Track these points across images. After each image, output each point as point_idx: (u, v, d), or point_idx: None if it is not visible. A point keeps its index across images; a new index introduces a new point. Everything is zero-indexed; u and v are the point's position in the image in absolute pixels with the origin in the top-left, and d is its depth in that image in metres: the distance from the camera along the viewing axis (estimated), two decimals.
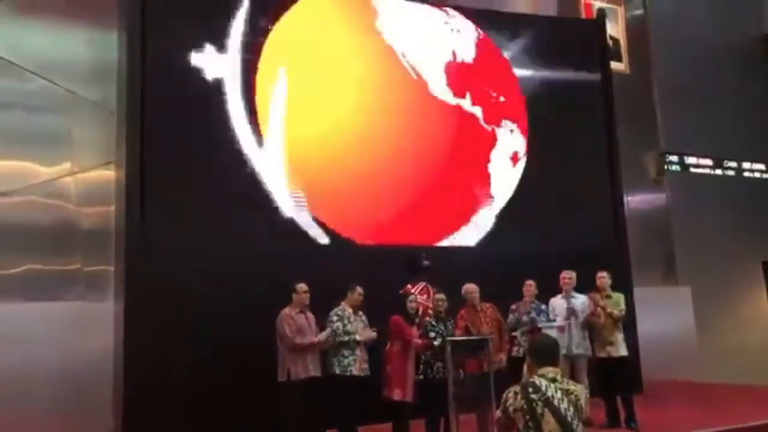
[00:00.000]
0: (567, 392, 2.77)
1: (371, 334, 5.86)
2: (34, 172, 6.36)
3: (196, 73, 6.75)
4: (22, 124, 6.35)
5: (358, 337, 5.74)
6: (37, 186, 6.35)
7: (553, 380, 2.79)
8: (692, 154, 10.96)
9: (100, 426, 6.10)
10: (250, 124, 6.98)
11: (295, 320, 5.71)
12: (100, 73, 6.70)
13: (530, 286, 6.62)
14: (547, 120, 8.51)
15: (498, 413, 2.87)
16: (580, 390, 2.83)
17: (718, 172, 11.29)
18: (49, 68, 6.50)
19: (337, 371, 5.70)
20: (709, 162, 11.17)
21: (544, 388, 2.75)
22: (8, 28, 6.39)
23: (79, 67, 6.64)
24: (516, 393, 2.78)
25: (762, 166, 11.77)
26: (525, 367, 2.99)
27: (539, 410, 2.71)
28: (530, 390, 2.76)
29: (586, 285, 6.48)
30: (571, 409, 2.74)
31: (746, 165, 11.58)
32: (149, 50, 6.49)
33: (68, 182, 6.49)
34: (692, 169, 10.96)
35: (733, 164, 11.46)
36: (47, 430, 5.79)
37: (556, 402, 2.72)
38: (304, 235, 7.04)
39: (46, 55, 6.53)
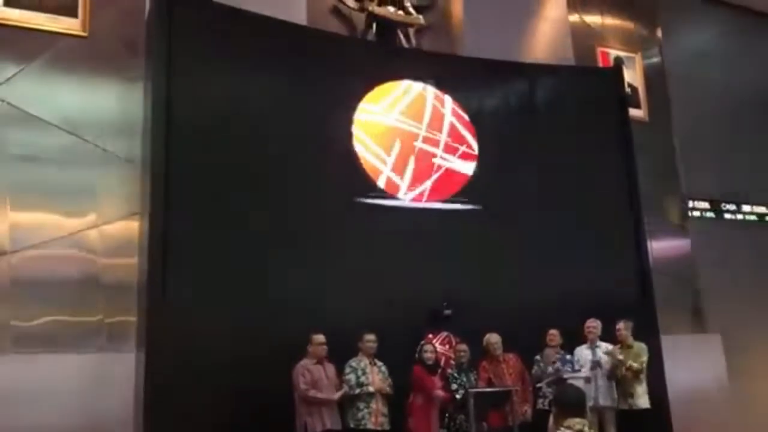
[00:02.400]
0: None
1: (385, 386, 5.73)
2: (59, 224, 6.44)
3: (222, 125, 6.87)
4: (47, 178, 6.44)
5: (371, 389, 5.63)
6: (62, 238, 6.43)
7: None
8: (715, 200, 10.87)
9: None
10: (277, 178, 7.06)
11: (311, 372, 5.65)
12: (126, 127, 6.82)
13: (554, 336, 6.53)
14: (567, 168, 8.49)
15: None
16: None
17: (742, 216, 11.17)
18: (76, 123, 6.63)
19: (351, 425, 5.61)
20: (731, 207, 11.07)
21: None
22: (37, 85, 6.57)
23: (105, 120, 6.76)
24: None
25: None
26: (551, 419, 2.92)
27: None
28: None
29: (611, 334, 6.36)
30: None
31: None
32: (175, 103, 6.62)
33: (93, 234, 6.56)
34: (716, 215, 10.85)
35: (757, 209, 11.33)
36: None
37: None
38: (325, 284, 7.02)
39: (73, 110, 6.67)
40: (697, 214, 10.60)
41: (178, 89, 6.67)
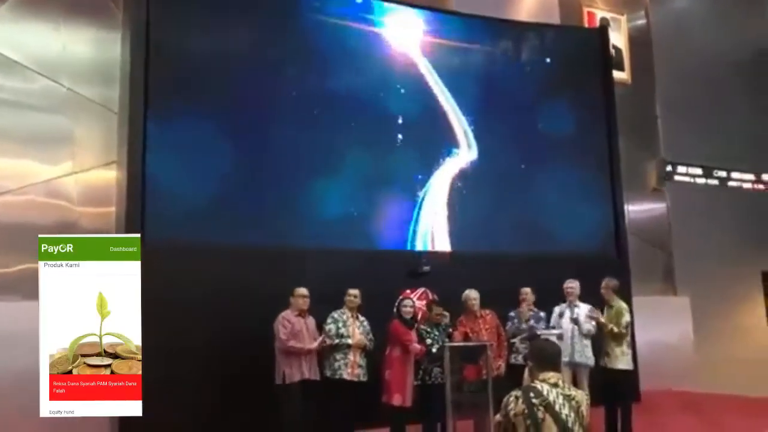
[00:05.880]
0: (568, 398, 2.76)
1: (364, 341, 5.81)
2: (35, 171, 6.36)
3: (201, 72, 6.75)
4: (23, 123, 6.35)
5: (349, 341, 5.71)
6: (38, 185, 6.34)
7: (555, 385, 2.78)
8: (693, 165, 11.00)
9: (97, 426, 6.06)
10: (256, 125, 6.99)
11: (292, 323, 5.69)
12: (104, 73, 6.71)
13: (527, 294, 6.62)
14: (548, 128, 8.53)
15: (498, 417, 2.85)
16: (582, 396, 2.82)
17: (719, 182, 11.33)
18: (52, 68, 6.50)
19: (328, 374, 5.71)
20: (710, 173, 11.21)
21: (545, 393, 2.74)
22: (12, 27, 6.40)
23: (82, 66, 6.64)
24: (517, 397, 2.77)
25: (764, 177, 11.82)
26: (526, 372, 2.98)
27: (540, 415, 2.70)
28: (531, 395, 2.75)
29: (584, 294, 6.48)
30: (572, 414, 2.73)
31: (747, 176, 11.62)
32: (153, 49, 6.48)
33: (69, 182, 6.48)
34: (693, 180, 11.00)
35: (734, 175, 11.51)
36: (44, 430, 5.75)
37: (557, 407, 2.71)
38: (309, 236, 7.04)
39: (49, 54, 6.53)
40: (674, 178, 10.72)
41: (157, 34, 6.53)
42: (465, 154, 8.09)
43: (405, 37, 8.03)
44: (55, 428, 5.52)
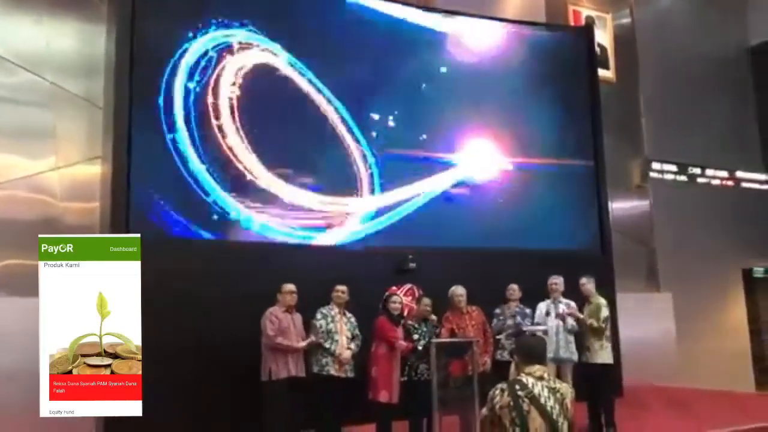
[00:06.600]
0: (554, 390, 2.79)
1: (349, 354, 5.77)
2: (17, 165, 6.29)
3: (186, 67, 6.71)
4: (6, 118, 6.28)
5: (338, 352, 5.68)
6: (21, 180, 6.27)
7: (540, 378, 2.81)
8: (676, 163, 11.12)
9: (81, 426, 6.01)
10: (240, 120, 6.97)
11: (279, 319, 5.68)
12: (88, 67, 6.65)
13: (514, 290, 6.67)
14: (533, 126, 8.57)
15: (484, 410, 2.88)
16: (566, 389, 2.85)
17: (702, 180, 11.47)
18: (35, 61, 6.43)
19: (315, 369, 5.70)
20: (692, 171, 11.35)
21: (531, 386, 2.77)
22: None
23: (65, 60, 6.58)
24: (503, 390, 2.79)
25: (744, 175, 11.97)
26: (512, 366, 3.00)
27: (526, 407, 2.72)
28: (517, 387, 2.77)
29: (569, 291, 6.53)
30: (557, 407, 2.76)
31: (720, 173, 11.76)
32: (138, 43, 6.43)
33: (52, 177, 6.42)
34: (676, 177, 11.12)
35: (716, 173, 11.64)
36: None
37: (542, 400, 2.74)
38: (297, 233, 7.04)
39: (32, 47, 6.45)
40: (657, 175, 10.84)
41: (142, 27, 6.48)
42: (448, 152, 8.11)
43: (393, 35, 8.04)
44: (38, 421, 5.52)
